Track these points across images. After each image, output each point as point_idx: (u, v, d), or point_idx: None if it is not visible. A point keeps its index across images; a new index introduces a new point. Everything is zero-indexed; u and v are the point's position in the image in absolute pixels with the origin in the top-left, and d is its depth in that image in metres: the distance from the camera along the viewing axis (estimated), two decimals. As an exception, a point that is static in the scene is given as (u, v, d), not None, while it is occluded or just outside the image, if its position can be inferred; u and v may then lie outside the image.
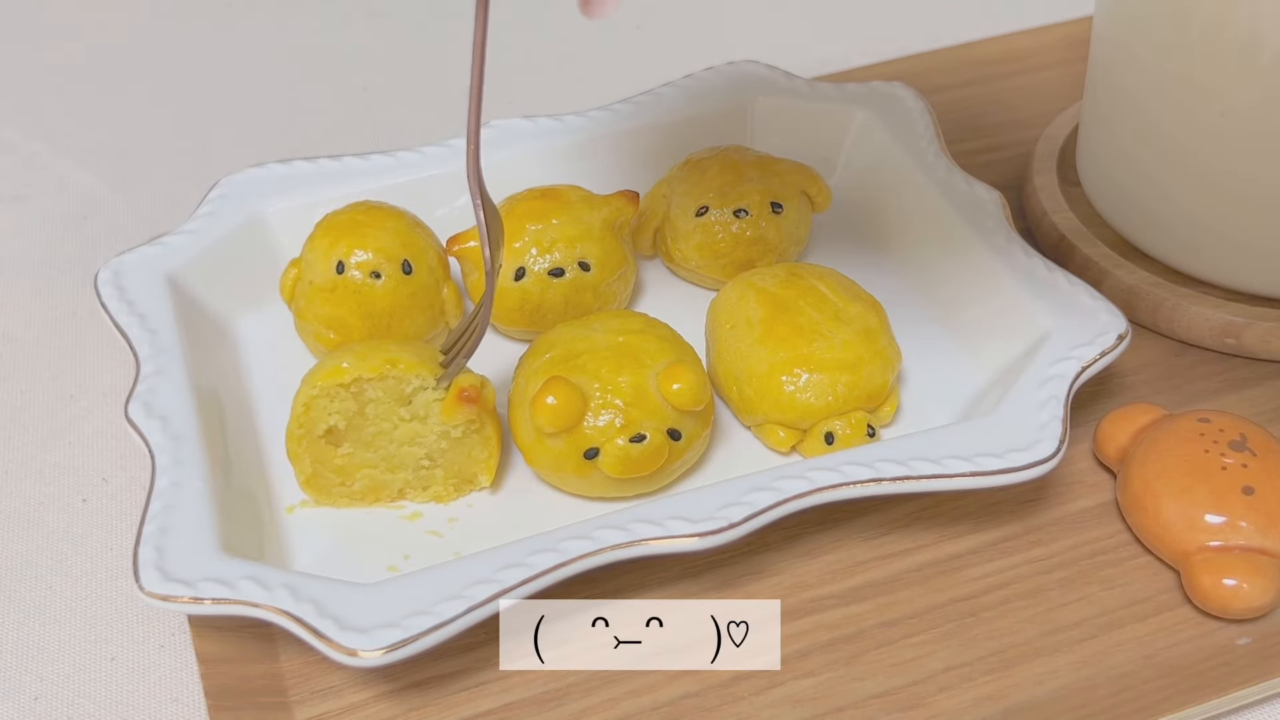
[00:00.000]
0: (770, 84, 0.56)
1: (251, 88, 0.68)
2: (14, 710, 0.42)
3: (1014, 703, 0.40)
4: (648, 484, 0.44)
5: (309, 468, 0.44)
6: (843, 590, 0.43)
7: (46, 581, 0.45)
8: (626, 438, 0.42)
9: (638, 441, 0.42)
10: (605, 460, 0.42)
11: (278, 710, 0.40)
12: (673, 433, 0.43)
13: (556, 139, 0.54)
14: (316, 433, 0.43)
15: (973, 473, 0.41)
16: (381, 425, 0.43)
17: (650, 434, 0.43)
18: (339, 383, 0.42)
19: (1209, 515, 0.42)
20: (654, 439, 0.43)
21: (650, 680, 0.41)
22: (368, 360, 0.43)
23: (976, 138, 0.60)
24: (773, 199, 0.51)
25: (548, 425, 0.42)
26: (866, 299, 0.47)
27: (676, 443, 0.43)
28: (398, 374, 0.43)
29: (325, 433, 0.43)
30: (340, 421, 0.43)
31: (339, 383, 0.42)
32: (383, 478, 0.44)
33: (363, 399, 0.43)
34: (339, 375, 0.42)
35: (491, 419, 0.44)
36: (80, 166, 0.63)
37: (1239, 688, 0.40)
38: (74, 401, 0.52)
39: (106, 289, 0.48)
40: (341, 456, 0.44)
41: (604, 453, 0.42)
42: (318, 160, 0.53)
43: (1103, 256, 0.52)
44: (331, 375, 0.42)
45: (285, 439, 0.44)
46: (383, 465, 0.44)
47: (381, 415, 0.43)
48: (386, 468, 0.44)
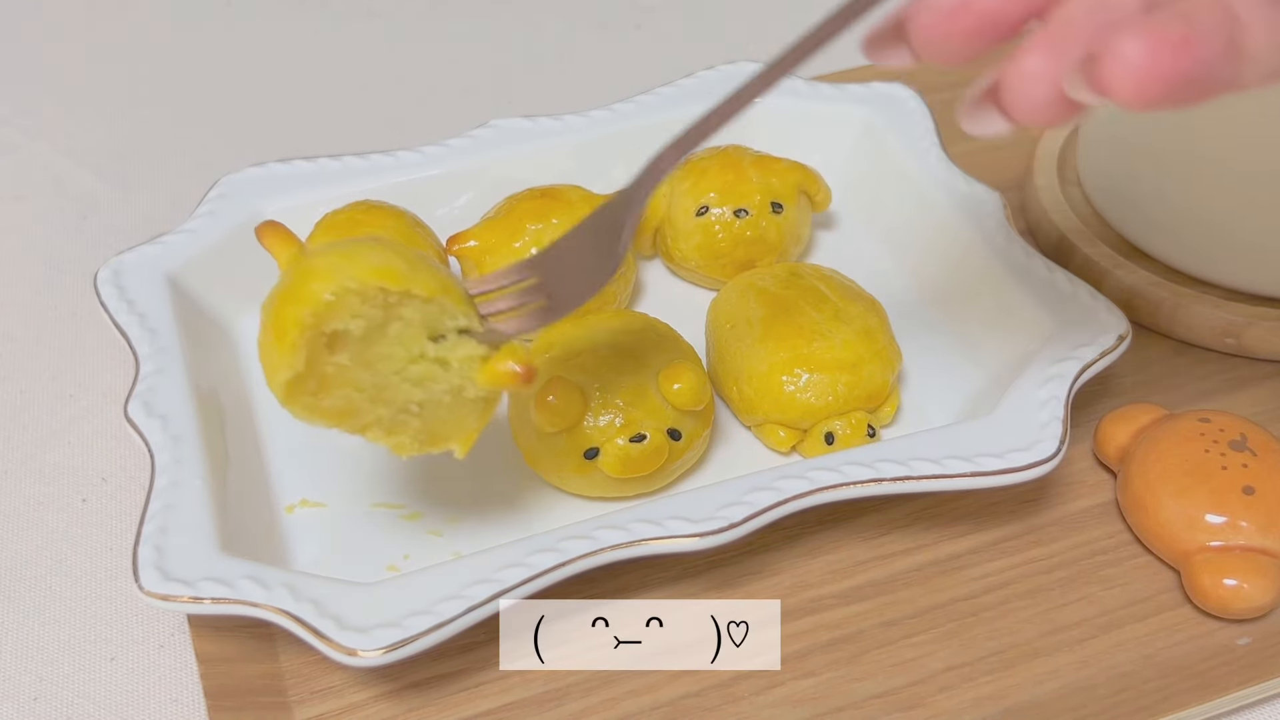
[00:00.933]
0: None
1: (251, 88, 0.68)
2: (14, 710, 0.42)
3: (1014, 703, 0.40)
4: (648, 484, 0.44)
5: (300, 365, 0.35)
6: (843, 590, 0.43)
7: (46, 581, 0.45)
8: (626, 437, 0.42)
9: (638, 441, 0.42)
10: (605, 460, 0.42)
11: (278, 710, 0.40)
12: (673, 432, 0.43)
13: (556, 139, 0.54)
14: (325, 329, 0.35)
15: (973, 473, 0.41)
16: (395, 351, 0.37)
17: (650, 434, 0.43)
18: (382, 286, 0.35)
19: (1209, 515, 0.42)
20: (654, 439, 0.43)
21: (650, 680, 0.41)
22: (419, 275, 0.35)
23: (976, 138, 0.60)
24: (773, 199, 0.51)
25: (548, 424, 0.42)
26: (866, 299, 0.47)
27: (676, 442, 0.43)
28: (448, 305, 0.36)
29: (329, 334, 0.36)
30: (357, 328, 0.36)
31: (382, 286, 0.35)
32: (360, 405, 0.37)
33: (392, 314, 0.36)
34: (390, 277, 0.35)
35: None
36: (80, 166, 0.63)
37: (1239, 688, 0.40)
38: (74, 401, 0.52)
39: (106, 289, 0.48)
40: (332, 365, 0.36)
41: (604, 452, 0.42)
42: (318, 160, 0.53)
43: (1103, 256, 0.52)
44: (379, 274, 0.35)
45: (281, 325, 0.35)
46: (369, 392, 0.37)
47: (402, 341, 0.36)
48: (371, 396, 0.37)
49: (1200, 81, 0.28)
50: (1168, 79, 0.28)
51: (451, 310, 0.36)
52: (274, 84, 0.69)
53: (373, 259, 0.35)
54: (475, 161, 0.53)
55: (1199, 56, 0.28)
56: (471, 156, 0.53)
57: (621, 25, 0.72)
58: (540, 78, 0.69)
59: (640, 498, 0.44)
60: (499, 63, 0.70)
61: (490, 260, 0.48)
